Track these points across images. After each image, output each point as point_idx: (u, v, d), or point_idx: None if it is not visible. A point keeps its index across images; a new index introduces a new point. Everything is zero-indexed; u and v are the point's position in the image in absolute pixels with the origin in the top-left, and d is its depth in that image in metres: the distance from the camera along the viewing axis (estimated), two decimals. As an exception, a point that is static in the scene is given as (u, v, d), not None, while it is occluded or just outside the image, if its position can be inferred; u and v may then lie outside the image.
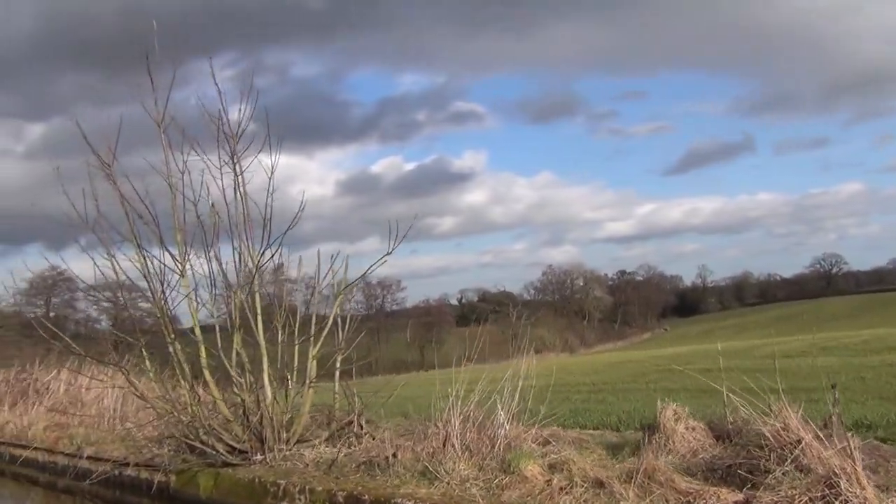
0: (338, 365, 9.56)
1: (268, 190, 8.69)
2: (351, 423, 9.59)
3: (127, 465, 10.17)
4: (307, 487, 7.56)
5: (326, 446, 9.18)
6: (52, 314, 56.88)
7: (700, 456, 6.51)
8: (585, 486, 6.12)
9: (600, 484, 6.06)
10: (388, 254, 8.73)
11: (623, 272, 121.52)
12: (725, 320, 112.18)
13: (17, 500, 12.28)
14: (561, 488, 6.19)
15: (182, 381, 8.78)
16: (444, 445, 7.51)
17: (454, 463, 7.06)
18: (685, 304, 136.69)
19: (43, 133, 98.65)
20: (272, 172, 8.60)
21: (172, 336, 8.67)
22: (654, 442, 6.80)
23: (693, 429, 6.86)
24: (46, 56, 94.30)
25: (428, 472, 7.15)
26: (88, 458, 11.00)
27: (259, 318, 8.92)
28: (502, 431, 7.34)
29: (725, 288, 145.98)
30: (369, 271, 9.11)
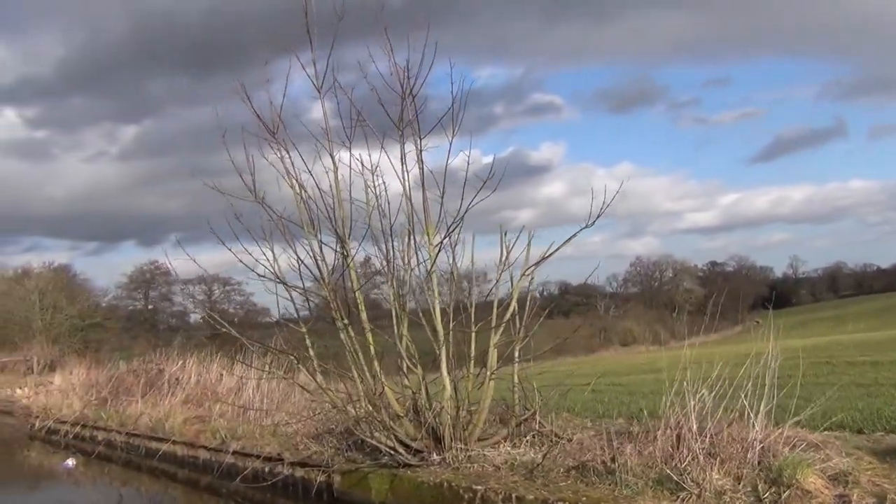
0: (517, 355, 8.50)
1: (446, 161, 7.71)
2: (529, 420, 8.57)
3: (280, 462, 9.40)
4: (513, 495, 6.52)
5: (505, 446, 8.19)
6: (150, 307, 58.37)
7: None
8: (906, 505, 4.85)
9: (930, 504, 4.77)
10: (587, 227, 7.61)
11: (714, 263, 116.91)
12: (821, 312, 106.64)
13: (155, 499, 11.70)
14: (870, 508, 4.94)
15: (355, 373, 7.88)
16: (675, 448, 6.36)
17: (703, 471, 5.88)
18: (776, 295, 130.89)
19: (135, 134, 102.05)
20: (451, 141, 7.60)
21: (346, 321, 7.77)
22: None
23: None
24: (138, 60, 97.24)
25: (666, 481, 6.01)
26: (234, 453, 10.30)
27: (437, 301, 7.94)
28: (753, 433, 6.11)
29: (818, 279, 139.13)
30: (556, 250, 7.99)
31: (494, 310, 8.14)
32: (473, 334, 8.22)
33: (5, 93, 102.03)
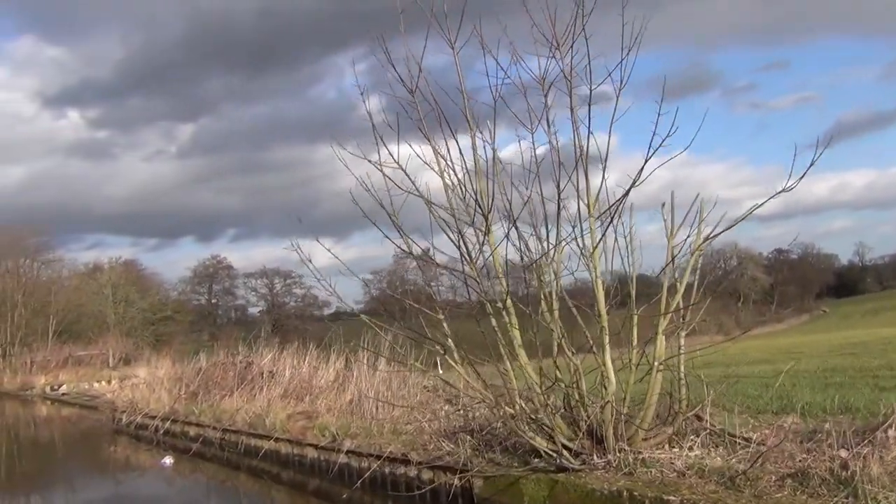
0: (681, 342, 7.44)
1: (611, 121, 6.68)
2: (698, 417, 7.50)
3: (406, 463, 8.51)
4: (720, 509, 5.46)
5: (683, 448, 7.16)
6: (213, 301, 58.74)
7: None
8: None
9: None
10: (785, 190, 6.50)
11: (779, 251, 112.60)
12: (891, 300, 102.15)
13: (257, 502, 10.83)
14: None
15: (508, 364, 6.93)
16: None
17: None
18: (842, 283, 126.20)
19: (192, 133, 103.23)
20: (618, 94, 6.56)
21: (503, 304, 6.82)
22: None
23: None
24: (194, 60, 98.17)
25: (929, 495, 4.88)
26: (349, 452, 9.46)
27: (599, 282, 6.94)
28: None
29: (884, 266, 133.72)
30: (739, 221, 6.89)
31: (664, 291, 7.10)
32: (635, 318, 7.23)
33: (69, 95, 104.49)
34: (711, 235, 7.07)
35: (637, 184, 6.41)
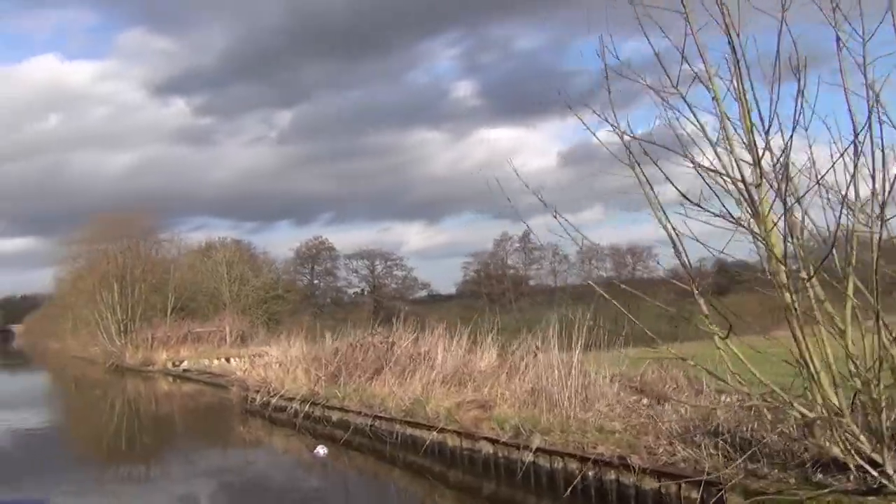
0: None
1: None
2: None
3: (622, 467, 7.08)
4: None
5: None
6: (315, 281, 58.85)
7: None
8: None
9: None
10: None
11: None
12: None
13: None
14: None
15: (811, 354, 5.38)
16: None
17: None
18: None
19: (291, 119, 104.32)
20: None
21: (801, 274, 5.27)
22: None
23: None
24: (293, 48, 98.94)
25: None
26: (539, 451, 8.10)
27: None
28: None
29: None
30: None
31: None
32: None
33: (175, 84, 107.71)
34: None
35: None
